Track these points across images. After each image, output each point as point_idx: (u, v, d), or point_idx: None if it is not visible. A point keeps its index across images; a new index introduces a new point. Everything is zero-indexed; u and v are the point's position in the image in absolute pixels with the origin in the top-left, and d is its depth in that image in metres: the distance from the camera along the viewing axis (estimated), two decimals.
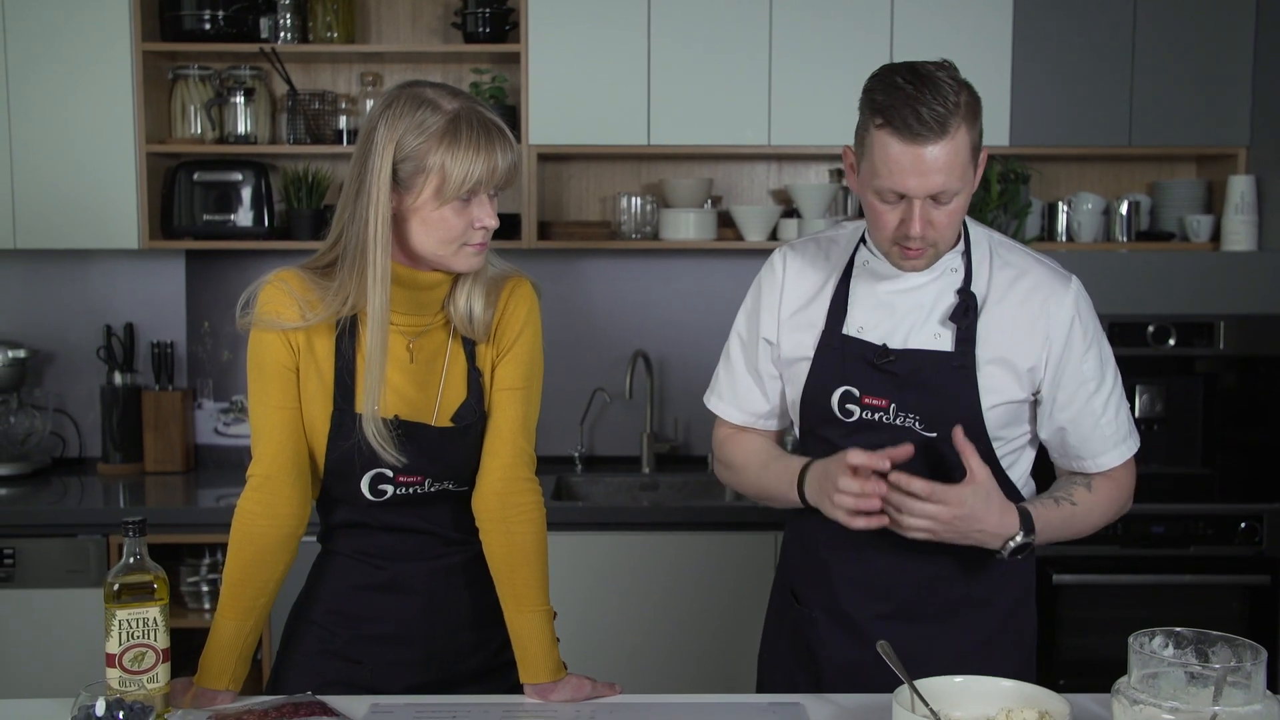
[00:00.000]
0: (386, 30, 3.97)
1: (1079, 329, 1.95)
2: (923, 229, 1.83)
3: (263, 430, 1.92)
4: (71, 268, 4.02)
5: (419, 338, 1.95)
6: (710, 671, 3.42)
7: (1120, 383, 2.02)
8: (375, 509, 1.96)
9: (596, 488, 3.92)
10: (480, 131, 1.81)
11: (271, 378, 1.91)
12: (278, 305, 1.89)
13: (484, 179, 1.82)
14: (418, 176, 1.82)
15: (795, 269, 2.06)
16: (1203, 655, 1.60)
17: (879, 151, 1.81)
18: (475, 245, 1.86)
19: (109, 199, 3.66)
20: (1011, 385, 1.95)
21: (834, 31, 3.62)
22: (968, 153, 1.82)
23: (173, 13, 3.69)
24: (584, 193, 4.05)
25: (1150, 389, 3.48)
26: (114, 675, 1.75)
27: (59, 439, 4.04)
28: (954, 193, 1.82)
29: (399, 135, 1.81)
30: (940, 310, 1.95)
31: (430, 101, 1.83)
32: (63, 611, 3.38)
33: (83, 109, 3.64)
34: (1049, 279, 1.96)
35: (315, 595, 2.04)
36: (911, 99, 1.77)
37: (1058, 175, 4.00)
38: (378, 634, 2.01)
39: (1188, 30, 3.65)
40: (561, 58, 3.65)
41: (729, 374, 2.14)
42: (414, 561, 2.00)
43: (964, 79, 1.84)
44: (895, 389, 1.94)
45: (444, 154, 1.80)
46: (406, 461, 1.92)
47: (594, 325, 4.06)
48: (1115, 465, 2.01)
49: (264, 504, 1.92)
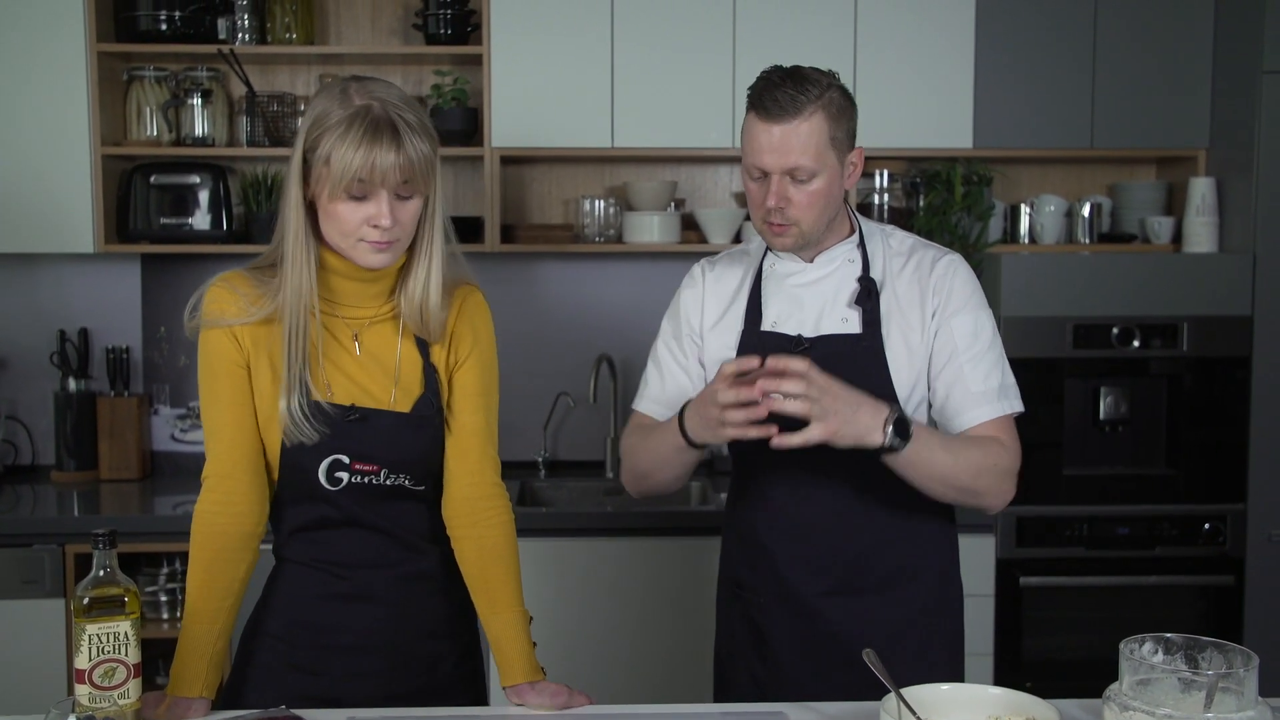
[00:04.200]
0: (346, 31, 3.92)
1: (951, 293, 2.09)
2: (778, 202, 2.01)
3: (216, 429, 1.93)
4: (25, 271, 3.94)
5: (366, 329, 1.97)
6: (676, 676, 3.40)
7: (998, 352, 2.11)
8: (333, 501, 1.95)
9: (560, 493, 3.89)
10: (369, 128, 1.82)
11: (221, 376, 1.93)
12: (222, 304, 1.92)
13: (365, 175, 1.82)
14: (316, 167, 1.86)
15: (714, 277, 2.23)
16: (1193, 661, 1.60)
17: (746, 132, 2.04)
18: (372, 242, 1.87)
19: (63, 202, 3.59)
20: (915, 358, 2.09)
21: (798, 34, 3.62)
22: (824, 139, 1.99)
23: (128, 13, 3.62)
24: (547, 195, 4.02)
25: (1114, 391, 3.50)
26: (84, 691, 1.71)
27: (11, 446, 3.96)
28: (810, 173, 2.00)
29: (310, 124, 1.87)
30: (844, 297, 2.11)
31: (345, 96, 1.86)
32: (18, 623, 3.29)
33: (36, 110, 3.56)
34: (931, 255, 2.14)
35: (271, 606, 2.01)
36: (774, 86, 2.00)
37: (1020, 177, 4.02)
38: (339, 645, 1.98)
39: (1148, 33, 3.68)
40: (524, 59, 3.62)
41: (658, 373, 2.25)
42: (374, 569, 1.99)
43: (842, 85, 2.05)
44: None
45: (333, 146, 1.83)
46: (358, 447, 1.93)
47: (557, 328, 4.03)
48: (980, 422, 2.06)
49: (221, 502, 1.92)
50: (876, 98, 3.64)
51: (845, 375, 2.03)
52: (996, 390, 2.07)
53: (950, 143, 3.69)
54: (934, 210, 3.76)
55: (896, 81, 3.65)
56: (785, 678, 2.13)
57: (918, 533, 2.12)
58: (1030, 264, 3.49)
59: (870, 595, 2.12)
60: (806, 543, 2.12)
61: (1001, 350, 2.12)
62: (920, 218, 3.78)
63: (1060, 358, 3.46)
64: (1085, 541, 3.49)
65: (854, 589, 2.12)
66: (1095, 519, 3.50)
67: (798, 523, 2.11)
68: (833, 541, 2.11)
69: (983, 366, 2.07)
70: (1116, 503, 3.51)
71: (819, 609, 2.12)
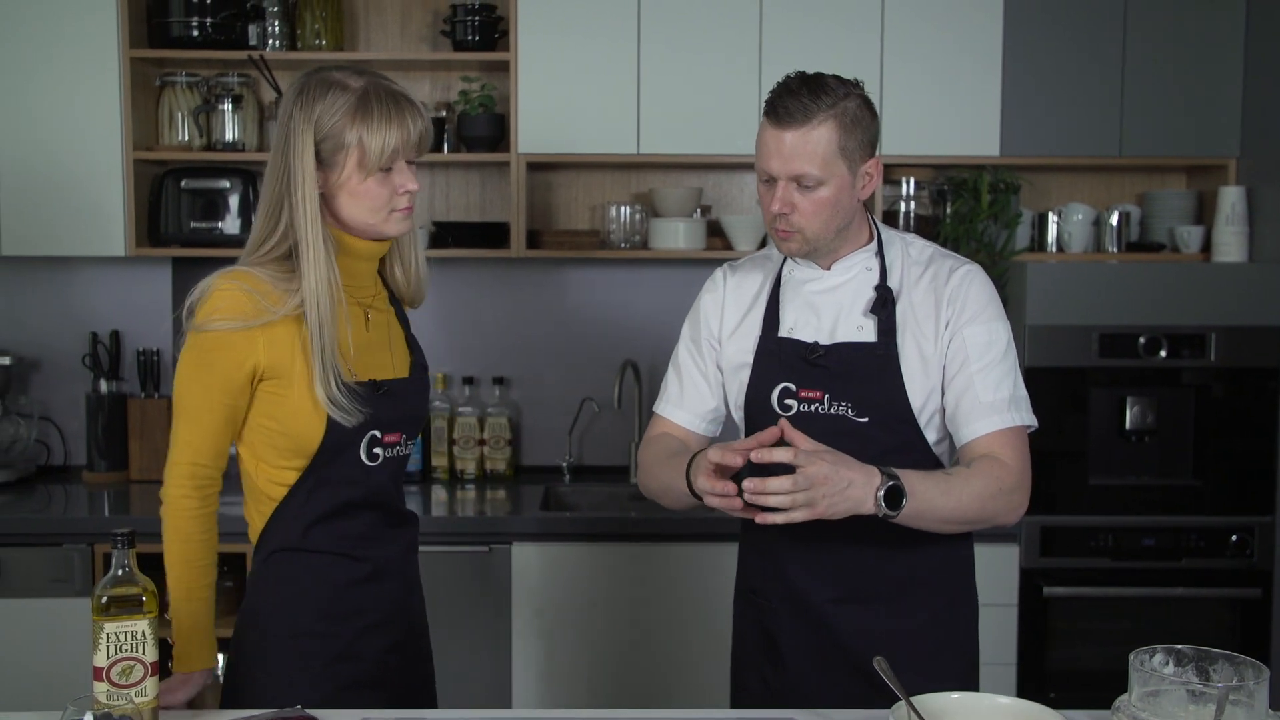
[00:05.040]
0: (375, 38, 3.95)
1: (966, 304, 2.08)
2: (782, 208, 2.03)
3: (199, 419, 1.98)
4: (58, 275, 3.99)
5: (372, 307, 2.09)
6: (695, 680, 3.40)
7: (1010, 364, 2.09)
8: (362, 481, 2.04)
9: (585, 498, 3.90)
10: (390, 103, 1.94)
11: (219, 372, 1.96)
12: (239, 305, 1.94)
13: (400, 148, 1.95)
14: (338, 154, 1.94)
15: (734, 283, 2.25)
16: (1203, 673, 1.59)
17: (758, 136, 2.06)
18: (403, 210, 2.00)
19: (96, 206, 3.63)
20: (930, 368, 2.08)
21: (824, 41, 3.61)
22: (832, 149, 2.00)
23: (161, 20, 3.67)
24: (573, 202, 4.03)
25: (1141, 401, 3.48)
26: (101, 689, 1.73)
27: (44, 447, 4.01)
28: (817, 180, 2.01)
29: (315, 117, 1.93)
30: (860, 306, 2.12)
31: (338, 83, 1.95)
32: (47, 621, 3.34)
33: (70, 116, 3.61)
34: (949, 265, 2.13)
35: (300, 603, 2.04)
36: (788, 93, 2.01)
37: (1048, 185, 4.00)
38: (370, 625, 2.07)
39: (1178, 41, 3.65)
40: (551, 66, 3.64)
41: (678, 377, 2.28)
42: (382, 544, 2.09)
43: (863, 95, 2.05)
44: (828, 381, 2.09)
45: (360, 128, 1.93)
46: (387, 418, 2.04)
47: (583, 334, 4.05)
48: (986, 433, 2.04)
49: (204, 489, 2.02)
50: (903, 104, 3.63)
51: (860, 384, 2.07)
52: (1006, 401, 2.06)
53: (977, 150, 3.68)
54: (960, 218, 3.75)
55: (923, 88, 3.65)
56: (796, 684, 2.14)
57: (929, 542, 2.10)
58: (1056, 273, 3.47)
59: (881, 604, 2.13)
60: (817, 550, 2.13)
61: (1015, 363, 2.10)
62: (946, 225, 3.77)
63: (1085, 367, 3.44)
64: (1110, 552, 3.47)
65: (865, 597, 2.13)
66: (1121, 530, 3.47)
67: (809, 530, 2.08)
68: (844, 549, 2.11)
69: (993, 377, 2.05)
70: (1142, 513, 3.48)
71: (830, 617, 2.13)
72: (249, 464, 2.04)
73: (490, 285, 4.05)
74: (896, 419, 2.08)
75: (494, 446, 3.94)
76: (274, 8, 3.73)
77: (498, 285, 4.05)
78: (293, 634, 2.03)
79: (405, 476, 2.22)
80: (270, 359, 1.96)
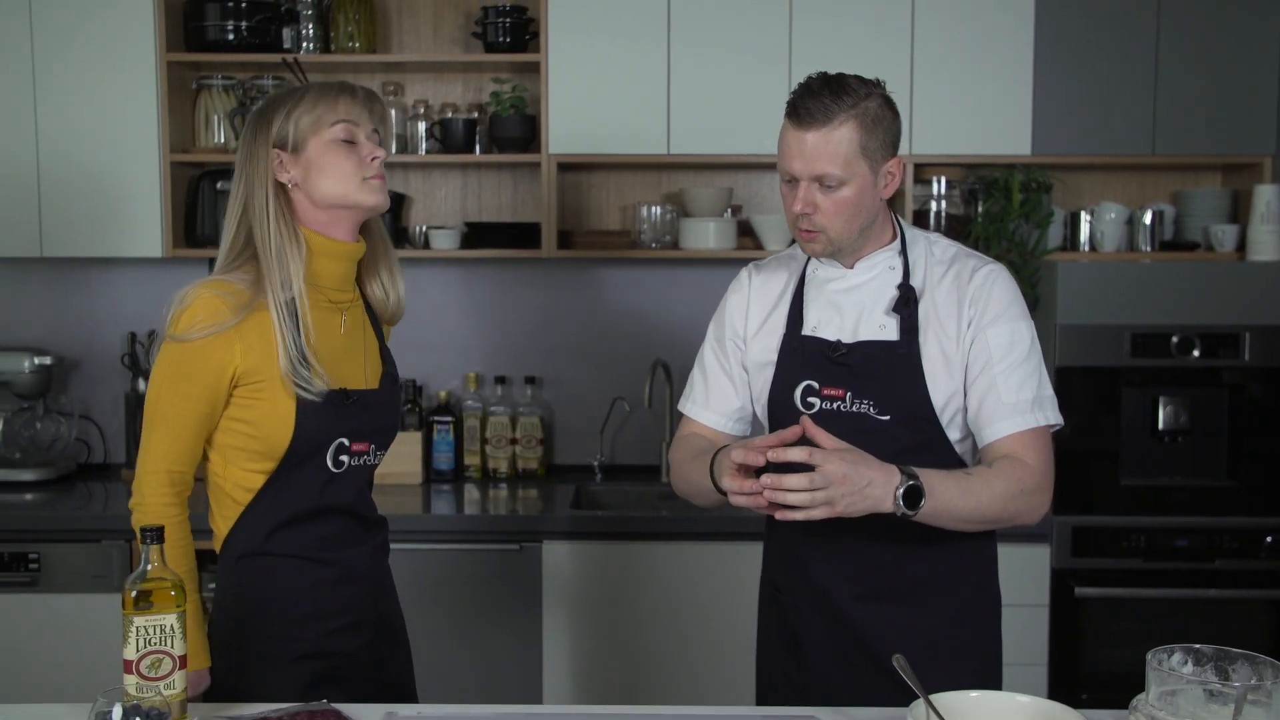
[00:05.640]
0: (408, 40, 3.98)
1: (988, 304, 2.08)
2: (805, 208, 2.04)
3: (175, 428, 2.03)
4: (96, 275, 4.05)
5: (349, 311, 2.13)
6: (724, 677, 3.41)
7: (1035, 364, 2.09)
8: (325, 487, 2.07)
9: (616, 497, 3.91)
10: (329, 86, 2.07)
11: (198, 380, 2.01)
12: (217, 311, 1.99)
13: (355, 119, 2.05)
14: (297, 131, 2.04)
15: (759, 282, 2.27)
16: (1223, 673, 1.58)
17: (780, 137, 2.07)
18: (374, 177, 2.07)
19: (133, 208, 3.68)
20: (952, 367, 2.08)
21: (854, 40, 3.61)
22: (854, 149, 2.01)
23: (197, 23, 3.72)
24: (605, 202, 4.05)
25: (1174, 401, 3.46)
26: (131, 681, 1.76)
27: (84, 445, 4.07)
28: (839, 180, 2.02)
29: (271, 120, 2.05)
30: (883, 304, 2.12)
31: (285, 94, 2.08)
32: (86, 617, 3.39)
33: (108, 119, 3.66)
34: (972, 264, 2.13)
35: (265, 604, 2.08)
36: (810, 94, 2.02)
37: (1080, 184, 3.98)
38: (338, 627, 2.11)
39: (1213, 37, 3.63)
40: (581, 67, 3.66)
41: (703, 377, 2.29)
42: (351, 549, 2.13)
43: (885, 94, 2.06)
44: (850, 379, 2.10)
45: (306, 110, 2.04)
46: (356, 427, 2.09)
47: (614, 334, 4.06)
48: (1009, 433, 2.04)
49: (176, 495, 2.06)
50: (933, 103, 3.63)
51: (882, 382, 2.08)
52: (1030, 402, 2.05)
53: (1008, 149, 3.66)
54: (992, 217, 3.74)
55: (953, 87, 3.64)
56: (818, 681, 2.15)
57: (951, 542, 2.10)
58: (1088, 272, 3.45)
59: (902, 602, 2.13)
60: (839, 548, 2.14)
61: (1040, 362, 2.10)
62: (978, 225, 3.75)
63: (1117, 367, 3.42)
64: (1143, 553, 3.45)
65: (886, 595, 2.13)
66: (1153, 530, 3.45)
67: (831, 528, 2.09)
68: (865, 547, 2.12)
69: (1016, 377, 2.05)
70: (1175, 514, 3.46)
71: (851, 614, 2.14)
72: (218, 466, 2.08)
73: (522, 285, 4.07)
74: (918, 417, 2.08)
75: (526, 445, 3.96)
76: (308, 11, 3.78)
77: (529, 285, 4.07)
78: (262, 636, 2.08)
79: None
80: (246, 364, 2.01)
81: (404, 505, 3.60)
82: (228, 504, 2.09)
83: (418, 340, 4.03)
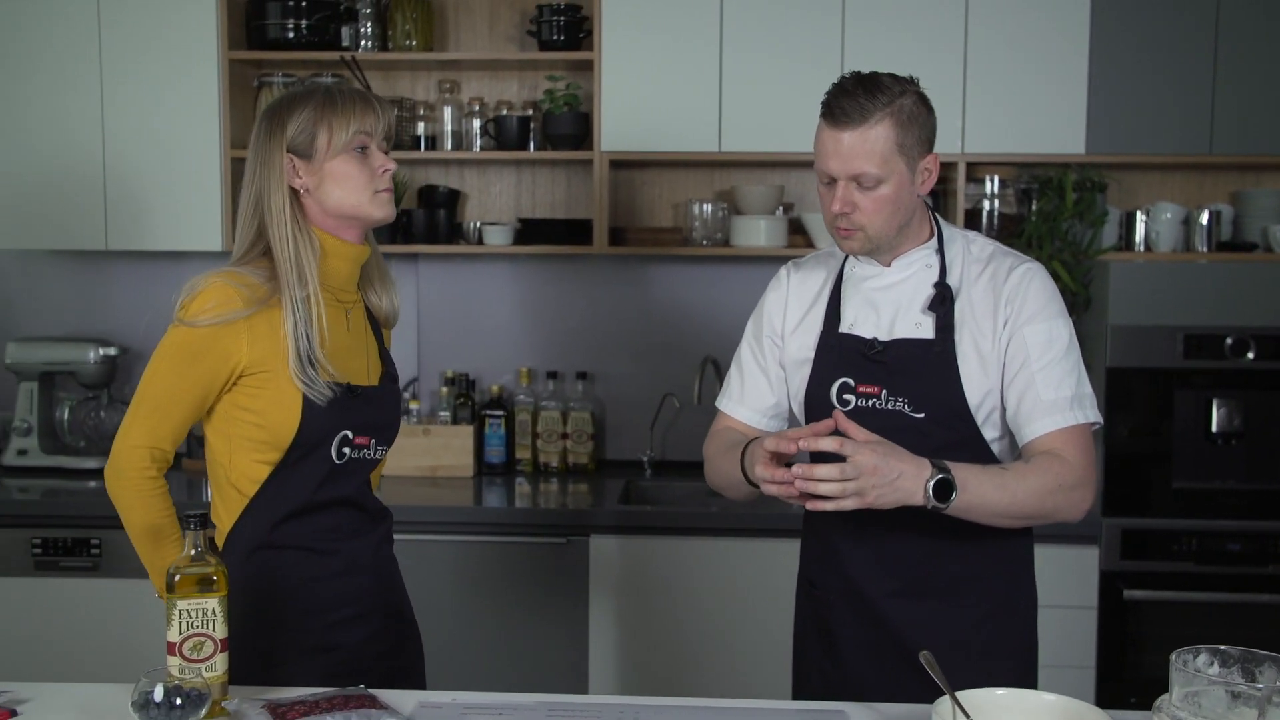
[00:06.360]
0: (465, 38, 4.03)
1: (1025, 302, 2.08)
2: (842, 207, 2.05)
3: (167, 409, 2.06)
4: (160, 268, 4.13)
5: (352, 310, 2.18)
6: (772, 674, 3.41)
7: (1073, 362, 2.08)
8: (329, 480, 2.10)
9: (665, 492, 3.94)
10: (347, 93, 2.09)
11: (205, 366, 2.04)
12: (231, 301, 2.02)
13: (370, 130, 2.08)
14: (313, 142, 2.06)
15: (798, 280, 2.28)
16: (1249, 674, 1.58)
17: (816, 138, 2.08)
18: (384, 190, 2.11)
19: (195, 202, 3.77)
20: (988, 366, 2.08)
21: (907, 39, 3.61)
22: (890, 147, 2.01)
23: (258, 22, 3.79)
24: (657, 199, 4.07)
25: (1228, 403, 3.41)
26: (174, 663, 1.81)
27: None
28: (876, 179, 2.02)
29: (285, 123, 2.06)
30: (919, 302, 2.13)
31: (301, 92, 2.10)
32: (144, 602, 3.46)
33: (171, 115, 3.75)
34: (1009, 263, 2.13)
35: (270, 596, 2.09)
36: (844, 94, 2.03)
37: (1137, 184, 3.94)
38: (344, 618, 2.14)
39: (1273, 33, 3.57)
40: (634, 65, 3.68)
41: (739, 374, 2.32)
42: (355, 540, 2.16)
43: (919, 91, 2.06)
44: (886, 376, 2.12)
45: (323, 117, 2.06)
46: (359, 421, 2.12)
47: (664, 330, 4.09)
48: (1048, 431, 2.03)
49: (159, 470, 2.10)
50: (987, 102, 3.61)
51: (917, 380, 2.08)
52: (1069, 400, 2.05)
53: (1062, 148, 3.64)
54: (1045, 217, 3.71)
55: (1007, 85, 3.62)
56: (852, 677, 2.16)
57: (986, 538, 2.10)
58: (1141, 272, 3.42)
59: (935, 599, 2.14)
60: (873, 544, 2.15)
61: (1079, 360, 2.09)
62: (1031, 224, 3.73)
63: (1170, 368, 3.39)
64: (1195, 557, 3.41)
65: (919, 592, 2.14)
66: (1205, 534, 3.41)
67: (865, 524, 2.12)
68: (899, 543, 2.13)
69: (1054, 375, 2.05)
70: (1228, 518, 3.42)
71: (884, 610, 2.14)
72: (223, 457, 2.10)
73: (574, 281, 4.11)
74: (953, 415, 2.08)
75: (576, 440, 4.00)
76: (366, 9, 3.84)
77: (581, 281, 4.10)
78: (272, 628, 2.10)
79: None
80: (253, 356, 2.03)
81: (455, 497, 3.66)
82: (233, 496, 2.10)
83: (471, 335, 4.08)
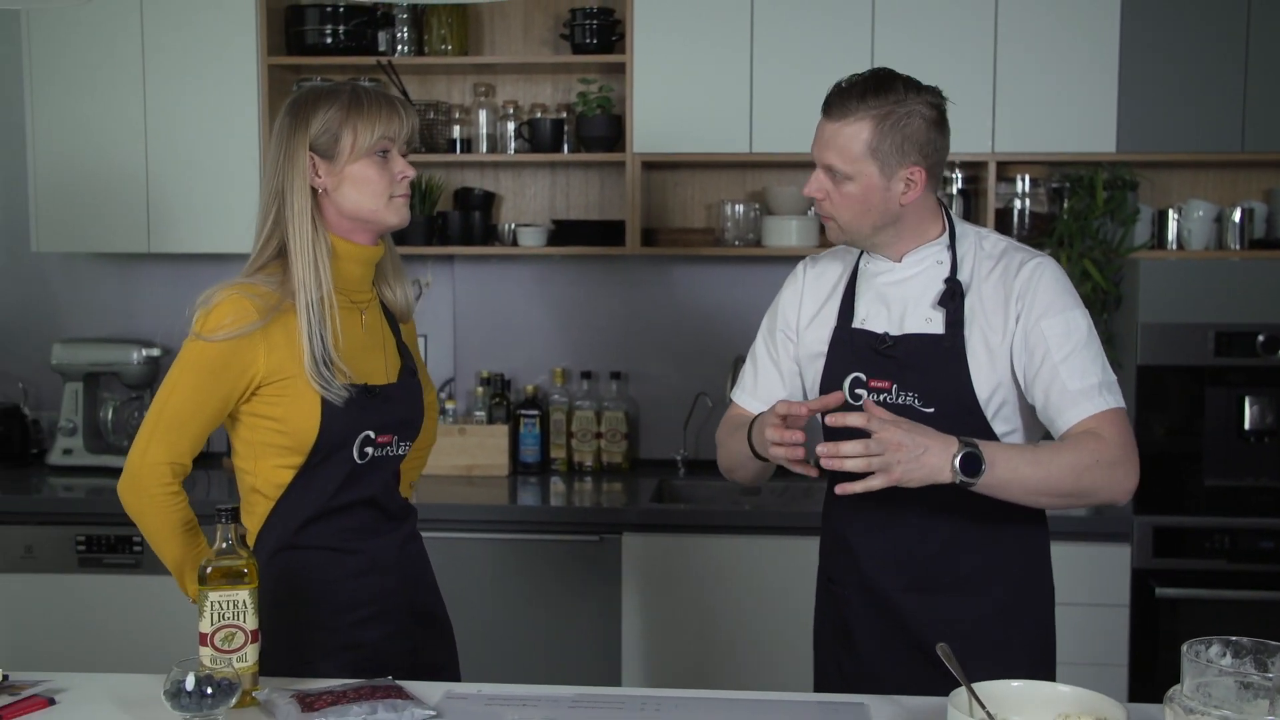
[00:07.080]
0: (500, 42, 4.08)
1: (1036, 297, 2.07)
2: (812, 192, 2.13)
3: (186, 424, 2.08)
4: (202, 270, 4.20)
5: (367, 309, 2.19)
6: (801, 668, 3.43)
7: (1094, 350, 2.07)
8: (352, 480, 2.12)
9: (698, 491, 3.96)
10: (372, 96, 2.09)
11: (225, 381, 2.06)
12: (246, 312, 2.03)
13: (394, 135, 2.09)
14: (337, 144, 2.07)
15: (814, 275, 2.31)
16: (1262, 665, 1.59)
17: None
18: (401, 196, 2.13)
19: (235, 206, 3.82)
20: (996, 361, 2.09)
21: (938, 39, 3.62)
22: (861, 148, 2.04)
23: (297, 27, 3.86)
24: (689, 200, 4.10)
25: (1260, 400, 3.40)
26: (206, 654, 1.86)
27: None
28: (843, 175, 2.07)
29: (310, 121, 2.07)
30: (929, 298, 2.14)
31: (327, 90, 2.10)
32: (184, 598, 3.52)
33: (212, 121, 3.82)
34: (1019, 259, 2.13)
35: (297, 597, 2.12)
36: (842, 87, 2.09)
37: (1169, 182, 3.93)
38: (367, 617, 2.16)
39: None
40: (666, 67, 3.72)
41: (753, 367, 2.35)
42: (378, 539, 2.18)
43: (932, 103, 2.06)
44: (897, 371, 2.13)
45: (348, 118, 2.07)
46: (379, 420, 2.13)
47: (697, 330, 4.12)
48: (1081, 419, 2.02)
49: (177, 488, 2.13)
50: (1017, 101, 3.62)
51: (926, 375, 2.10)
52: (1096, 387, 2.04)
53: (1093, 147, 3.63)
54: (1076, 215, 3.71)
55: (1037, 84, 3.62)
56: (869, 670, 2.18)
57: (1001, 532, 2.12)
58: (1171, 270, 3.42)
59: (949, 593, 2.15)
60: (888, 538, 2.17)
61: (1099, 349, 2.09)
62: (1063, 222, 3.73)
63: (1201, 366, 3.38)
64: (1227, 554, 3.40)
65: (934, 585, 2.15)
66: (1238, 531, 3.40)
67: (879, 518, 2.14)
68: (913, 537, 2.15)
69: (1078, 365, 2.04)
70: (1261, 515, 3.41)
71: (899, 604, 2.16)
72: (247, 464, 2.13)
73: (607, 282, 4.15)
74: (962, 409, 2.09)
75: (610, 439, 4.04)
76: (403, 14, 3.89)
77: (614, 282, 4.14)
78: (297, 628, 2.12)
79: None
80: (270, 364, 2.05)
81: (491, 496, 3.70)
82: (258, 501, 2.13)
83: (506, 335, 4.12)
